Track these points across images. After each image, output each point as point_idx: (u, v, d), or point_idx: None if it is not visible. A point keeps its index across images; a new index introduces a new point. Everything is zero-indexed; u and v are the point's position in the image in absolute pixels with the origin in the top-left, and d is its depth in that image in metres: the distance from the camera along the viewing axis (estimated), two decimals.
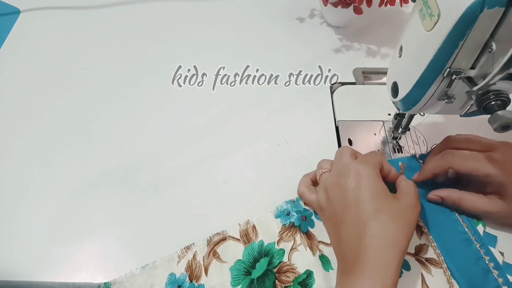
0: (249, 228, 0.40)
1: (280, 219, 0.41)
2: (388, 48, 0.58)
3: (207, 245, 0.39)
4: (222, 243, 0.39)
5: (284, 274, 0.37)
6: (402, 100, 0.37)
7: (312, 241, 0.39)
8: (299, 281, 0.37)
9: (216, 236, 0.40)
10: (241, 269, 0.38)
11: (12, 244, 0.42)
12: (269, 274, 0.37)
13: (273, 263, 0.38)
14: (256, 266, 0.38)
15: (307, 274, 0.37)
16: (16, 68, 0.58)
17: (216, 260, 0.38)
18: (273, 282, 0.37)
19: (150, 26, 0.63)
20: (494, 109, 0.30)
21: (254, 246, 0.39)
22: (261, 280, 0.37)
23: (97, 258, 0.40)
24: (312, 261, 0.38)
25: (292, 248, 0.39)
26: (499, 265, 0.37)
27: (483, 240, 0.38)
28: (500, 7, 0.27)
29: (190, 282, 0.37)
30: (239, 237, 0.40)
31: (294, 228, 0.40)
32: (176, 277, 0.37)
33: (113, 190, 0.45)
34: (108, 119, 0.51)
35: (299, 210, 0.41)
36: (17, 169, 0.47)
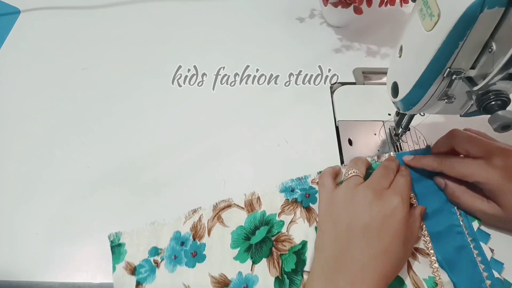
0: (254, 199, 0.43)
1: (284, 194, 0.43)
2: (388, 48, 0.58)
3: (212, 209, 0.42)
4: (227, 209, 0.42)
5: (281, 243, 0.39)
6: (402, 100, 0.37)
7: (310, 214, 0.41)
8: (294, 250, 0.39)
9: (222, 202, 0.42)
10: (241, 234, 0.40)
11: (12, 244, 0.42)
12: (267, 241, 0.39)
13: (272, 232, 0.40)
14: (256, 233, 0.40)
15: (302, 244, 0.39)
16: (16, 68, 0.58)
17: (220, 224, 0.41)
18: (269, 249, 0.39)
19: (150, 26, 0.63)
20: (494, 109, 0.30)
21: (256, 215, 0.41)
22: (259, 246, 0.39)
23: (97, 258, 0.40)
24: (308, 231, 0.40)
25: (291, 221, 0.41)
26: (487, 260, 0.38)
27: (475, 235, 0.39)
28: (500, 7, 0.27)
29: (193, 241, 0.40)
30: (243, 206, 0.42)
31: (296, 203, 0.42)
32: (181, 235, 0.40)
33: (113, 190, 0.45)
34: (108, 119, 0.51)
35: (304, 188, 0.43)
36: (17, 169, 0.47)
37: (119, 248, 0.40)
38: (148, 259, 0.39)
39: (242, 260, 0.39)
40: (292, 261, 0.38)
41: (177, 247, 0.39)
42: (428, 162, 0.42)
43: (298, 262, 0.38)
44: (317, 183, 0.44)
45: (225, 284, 0.38)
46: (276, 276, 0.38)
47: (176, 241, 0.40)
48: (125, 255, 0.39)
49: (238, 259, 0.39)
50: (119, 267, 0.39)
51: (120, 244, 0.40)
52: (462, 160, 0.40)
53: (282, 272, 0.38)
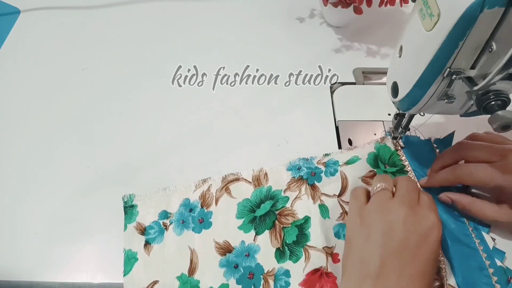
0: (261, 174, 0.44)
1: (291, 171, 0.44)
2: (388, 48, 0.58)
3: (221, 181, 0.44)
4: (235, 182, 0.44)
5: (284, 217, 0.41)
6: (402, 100, 0.37)
7: (315, 192, 0.42)
8: (296, 224, 0.40)
9: (231, 175, 0.44)
10: (247, 206, 0.42)
11: (12, 244, 0.42)
12: (270, 214, 0.41)
13: (276, 206, 0.42)
14: (261, 206, 0.42)
15: (305, 219, 0.41)
16: (16, 68, 0.58)
17: (227, 195, 0.43)
18: (273, 222, 0.41)
19: (150, 26, 0.63)
20: (494, 109, 0.30)
21: (262, 190, 0.43)
22: (263, 218, 0.41)
23: (97, 258, 0.40)
24: (312, 208, 0.41)
25: (296, 197, 0.42)
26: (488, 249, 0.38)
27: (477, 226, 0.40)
28: (500, 7, 0.27)
29: (201, 208, 0.42)
30: (251, 180, 0.44)
31: (302, 180, 0.43)
32: (190, 202, 0.43)
33: (113, 190, 0.45)
34: (108, 119, 0.51)
35: (310, 167, 0.44)
36: (17, 169, 0.47)
37: (132, 209, 0.42)
38: (157, 221, 0.41)
39: (246, 230, 0.41)
40: (294, 233, 0.40)
41: (186, 213, 0.42)
42: (444, 178, 0.41)
43: (299, 235, 0.39)
44: (323, 163, 0.45)
45: (228, 250, 0.40)
46: (277, 247, 0.39)
47: (185, 207, 0.42)
48: (137, 216, 0.42)
49: (242, 229, 0.41)
50: (130, 227, 0.41)
51: (133, 205, 0.42)
52: (478, 166, 0.39)
53: (283, 243, 0.39)
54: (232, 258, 0.39)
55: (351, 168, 0.44)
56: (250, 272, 0.38)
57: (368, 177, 0.43)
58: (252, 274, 0.38)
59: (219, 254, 0.39)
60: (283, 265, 0.38)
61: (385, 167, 0.44)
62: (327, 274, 0.37)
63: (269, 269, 0.38)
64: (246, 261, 0.39)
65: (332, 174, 0.44)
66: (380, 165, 0.45)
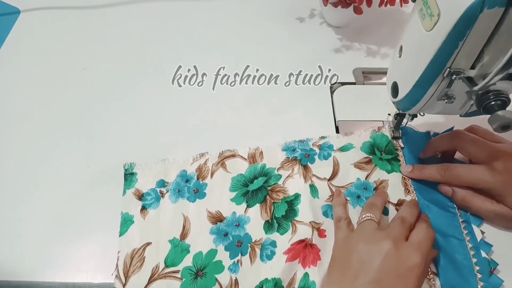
0: (257, 153, 0.46)
1: (286, 152, 0.46)
2: (388, 48, 0.58)
3: (218, 156, 0.46)
4: (231, 158, 0.46)
5: (276, 193, 0.43)
6: (402, 100, 0.37)
7: (307, 172, 0.44)
8: (286, 200, 0.42)
9: (227, 151, 0.46)
10: (241, 180, 0.44)
11: (12, 244, 0.42)
12: (262, 190, 0.43)
13: (269, 182, 0.44)
14: (254, 182, 0.44)
15: (295, 196, 0.42)
16: (16, 68, 0.58)
17: (223, 169, 0.45)
18: (264, 196, 0.43)
19: (150, 26, 0.63)
20: (494, 109, 0.30)
21: (257, 167, 0.45)
22: (255, 193, 0.43)
23: (97, 258, 0.40)
24: (303, 187, 0.43)
25: (288, 175, 0.44)
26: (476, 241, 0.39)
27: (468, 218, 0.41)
28: (500, 7, 0.27)
29: (196, 180, 0.44)
30: (246, 157, 0.46)
31: (295, 161, 0.45)
32: (186, 173, 0.45)
33: (113, 190, 0.45)
34: (108, 119, 0.51)
35: (305, 149, 0.46)
36: (17, 169, 0.47)
37: (131, 177, 0.45)
38: (155, 189, 0.44)
39: (238, 203, 0.43)
40: (283, 208, 0.42)
41: (182, 183, 0.44)
42: (431, 174, 0.41)
43: (288, 210, 0.41)
44: (317, 146, 0.46)
45: (219, 220, 0.42)
46: (266, 220, 0.41)
47: (182, 178, 0.44)
48: (136, 183, 0.44)
49: (234, 201, 0.43)
50: (129, 192, 0.43)
51: (132, 173, 0.45)
52: (466, 168, 0.39)
53: (272, 217, 0.41)
54: (223, 227, 0.41)
55: (343, 155, 0.45)
56: (238, 240, 0.40)
57: (362, 162, 0.45)
58: (241, 242, 0.40)
59: (210, 222, 0.41)
60: (271, 236, 0.40)
61: (381, 154, 0.46)
62: (311, 245, 0.39)
63: (257, 238, 0.40)
64: (236, 230, 0.41)
65: (325, 158, 0.45)
66: (376, 152, 0.46)
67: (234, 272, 0.38)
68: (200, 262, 0.39)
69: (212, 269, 0.39)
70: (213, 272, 0.38)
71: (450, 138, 0.42)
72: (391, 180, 0.43)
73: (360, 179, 0.43)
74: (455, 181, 0.40)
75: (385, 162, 0.45)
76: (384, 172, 0.44)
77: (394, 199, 0.42)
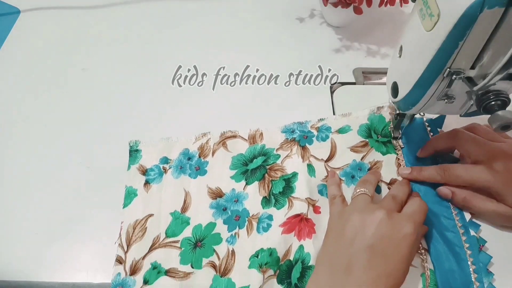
0: (257, 134, 0.48)
1: (285, 134, 0.48)
2: (388, 48, 0.58)
3: (219, 136, 0.48)
4: (232, 138, 0.48)
5: (274, 171, 0.44)
6: (402, 100, 0.37)
7: (305, 152, 0.45)
8: (284, 178, 0.44)
9: (229, 132, 0.48)
10: (240, 159, 0.46)
11: (12, 244, 0.42)
12: (261, 168, 0.45)
13: (268, 162, 0.45)
14: (253, 161, 0.46)
15: (293, 175, 0.44)
16: (16, 68, 0.58)
17: (224, 148, 0.47)
18: (263, 175, 0.44)
19: (150, 26, 0.63)
20: (494, 109, 0.30)
21: (256, 147, 0.47)
22: (254, 171, 0.45)
23: (97, 258, 0.40)
24: (300, 166, 0.44)
25: (287, 155, 0.46)
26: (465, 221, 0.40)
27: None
28: (500, 7, 0.27)
29: (198, 158, 0.46)
30: (246, 138, 0.48)
31: (294, 142, 0.47)
32: (189, 152, 0.47)
33: (112, 190, 0.45)
34: (108, 119, 0.51)
35: (304, 130, 0.48)
36: (17, 169, 0.47)
37: (136, 153, 0.47)
38: (158, 165, 0.46)
39: (237, 180, 0.44)
40: (281, 185, 0.43)
41: (184, 161, 0.46)
42: (430, 175, 0.41)
43: (285, 187, 0.43)
44: (316, 128, 0.47)
45: (219, 195, 0.43)
46: (264, 196, 0.43)
47: (184, 156, 0.46)
48: (140, 159, 0.46)
49: (234, 178, 0.45)
50: (133, 167, 0.45)
51: (137, 150, 0.47)
52: (465, 168, 0.39)
53: (270, 193, 0.43)
54: (222, 202, 0.43)
55: (341, 137, 0.47)
56: (236, 215, 0.42)
57: (358, 146, 0.46)
58: (239, 216, 0.42)
59: (210, 198, 0.43)
60: (268, 210, 0.42)
61: (377, 137, 0.47)
62: (307, 219, 0.40)
63: (254, 213, 0.42)
64: (234, 205, 0.43)
65: (323, 140, 0.47)
66: (373, 135, 0.47)
67: (232, 244, 0.40)
68: (199, 233, 0.41)
69: (210, 241, 0.40)
70: (211, 243, 0.40)
71: (449, 137, 0.42)
72: (386, 161, 0.45)
73: (356, 160, 0.45)
74: (454, 182, 0.40)
75: (381, 144, 0.46)
76: (379, 153, 0.45)
77: (387, 179, 0.43)
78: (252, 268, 0.38)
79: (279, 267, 0.38)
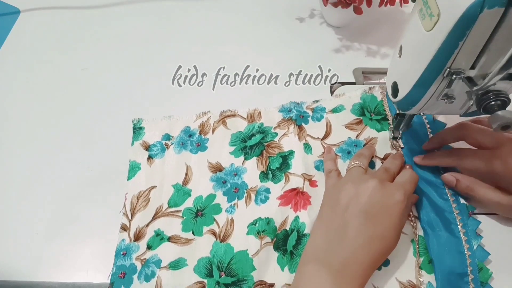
0: (256, 113, 0.50)
1: (282, 113, 0.50)
2: (388, 48, 0.58)
3: (219, 115, 0.50)
4: (232, 117, 0.50)
5: (272, 148, 0.47)
6: (402, 100, 0.37)
7: (301, 131, 0.48)
8: (281, 155, 0.46)
9: (228, 111, 0.50)
10: (239, 136, 0.48)
11: (12, 244, 0.42)
12: (259, 145, 0.47)
13: (266, 139, 0.47)
14: (252, 138, 0.48)
15: (290, 152, 0.46)
16: (16, 68, 0.58)
17: (223, 126, 0.49)
18: (261, 151, 0.46)
19: (150, 26, 0.63)
20: (494, 109, 0.30)
21: (255, 125, 0.49)
22: (252, 148, 0.47)
23: (97, 258, 0.40)
24: (297, 144, 0.46)
25: (284, 134, 0.48)
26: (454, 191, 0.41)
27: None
28: (500, 7, 0.27)
29: (199, 135, 0.48)
30: (245, 117, 0.50)
31: (291, 121, 0.49)
32: (190, 129, 0.49)
33: (113, 190, 0.45)
34: (108, 119, 0.51)
35: (300, 110, 0.50)
36: (17, 169, 0.47)
37: (140, 130, 0.49)
38: (160, 141, 0.48)
39: (236, 156, 0.47)
40: (278, 161, 0.45)
41: (185, 137, 0.48)
42: (442, 159, 0.42)
43: (282, 163, 0.45)
44: (311, 109, 0.50)
45: (219, 169, 0.46)
46: (262, 171, 0.45)
47: (185, 133, 0.48)
48: (143, 136, 0.48)
49: (233, 154, 0.47)
50: (136, 143, 0.48)
51: (140, 127, 0.49)
52: (476, 152, 0.40)
53: (267, 168, 0.45)
54: (222, 176, 0.45)
55: (335, 116, 0.49)
56: (235, 187, 0.44)
57: (352, 124, 0.48)
58: (237, 189, 0.44)
59: (210, 171, 0.45)
60: (265, 184, 0.44)
61: (370, 116, 0.49)
62: (302, 192, 0.43)
63: (252, 186, 0.44)
64: (234, 179, 0.45)
65: (318, 120, 0.49)
66: (366, 113, 0.49)
67: (231, 213, 0.42)
68: (200, 204, 0.43)
69: (210, 210, 0.42)
70: (211, 213, 0.42)
71: (457, 129, 0.42)
72: (380, 137, 0.47)
73: (351, 138, 0.47)
74: (465, 164, 0.40)
75: (374, 122, 0.48)
76: (374, 130, 0.48)
77: (381, 154, 0.46)
78: (250, 234, 0.40)
79: (275, 235, 0.40)
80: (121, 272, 0.39)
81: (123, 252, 0.40)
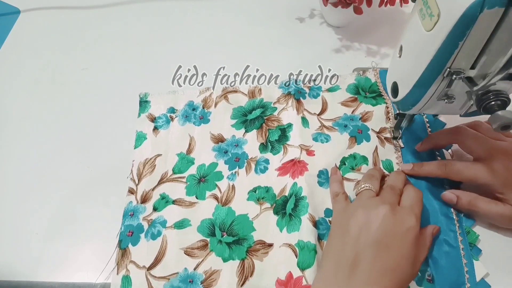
0: (256, 89, 0.53)
1: (282, 89, 0.52)
2: (388, 48, 0.58)
3: (221, 90, 0.52)
4: (233, 93, 0.52)
5: (271, 122, 0.49)
6: (402, 100, 0.37)
7: (300, 106, 0.50)
8: (280, 127, 0.48)
9: (230, 87, 0.53)
10: (240, 110, 0.51)
11: (12, 244, 0.42)
12: (259, 119, 0.49)
13: (265, 113, 0.50)
14: (252, 112, 0.50)
15: (288, 125, 0.48)
16: (16, 68, 0.58)
17: (225, 101, 0.52)
18: (261, 124, 0.49)
19: (150, 26, 0.63)
20: (494, 109, 0.30)
21: (255, 100, 0.51)
22: (252, 121, 0.49)
23: (97, 258, 0.40)
24: (295, 118, 0.48)
25: (283, 108, 0.50)
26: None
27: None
28: (500, 7, 0.27)
29: (202, 109, 0.51)
30: (246, 93, 0.52)
31: (290, 95, 0.51)
32: (193, 103, 0.52)
33: (113, 190, 0.45)
34: (108, 119, 0.51)
35: (298, 86, 0.52)
36: (17, 169, 0.47)
37: (146, 104, 0.51)
38: (165, 114, 0.51)
39: (237, 128, 0.49)
40: (277, 134, 0.48)
41: (189, 111, 0.51)
42: (431, 170, 0.42)
43: (281, 135, 0.47)
44: (307, 87, 0.52)
45: (221, 140, 0.48)
46: (261, 143, 0.47)
47: (189, 107, 0.51)
48: (149, 109, 0.51)
49: (234, 127, 0.49)
50: (143, 115, 0.50)
51: (146, 101, 0.52)
52: (465, 164, 0.39)
53: (267, 140, 0.47)
54: (223, 146, 0.47)
55: (331, 95, 0.52)
56: (236, 157, 0.46)
57: (348, 101, 0.51)
58: (238, 158, 0.46)
59: (213, 142, 0.48)
60: (265, 155, 0.46)
61: (365, 94, 0.51)
62: (299, 161, 0.45)
63: (253, 156, 0.46)
64: (235, 149, 0.47)
65: (315, 97, 0.51)
66: (361, 92, 0.51)
67: (232, 180, 0.45)
68: (203, 171, 0.45)
69: (213, 177, 0.45)
70: (213, 179, 0.45)
71: (451, 132, 0.42)
72: (376, 111, 0.49)
73: (347, 114, 0.49)
74: (455, 177, 0.40)
75: (369, 99, 0.50)
76: (369, 105, 0.50)
77: (376, 128, 0.47)
78: (250, 200, 0.43)
79: (275, 201, 0.42)
80: (128, 231, 0.41)
81: (130, 213, 0.42)
